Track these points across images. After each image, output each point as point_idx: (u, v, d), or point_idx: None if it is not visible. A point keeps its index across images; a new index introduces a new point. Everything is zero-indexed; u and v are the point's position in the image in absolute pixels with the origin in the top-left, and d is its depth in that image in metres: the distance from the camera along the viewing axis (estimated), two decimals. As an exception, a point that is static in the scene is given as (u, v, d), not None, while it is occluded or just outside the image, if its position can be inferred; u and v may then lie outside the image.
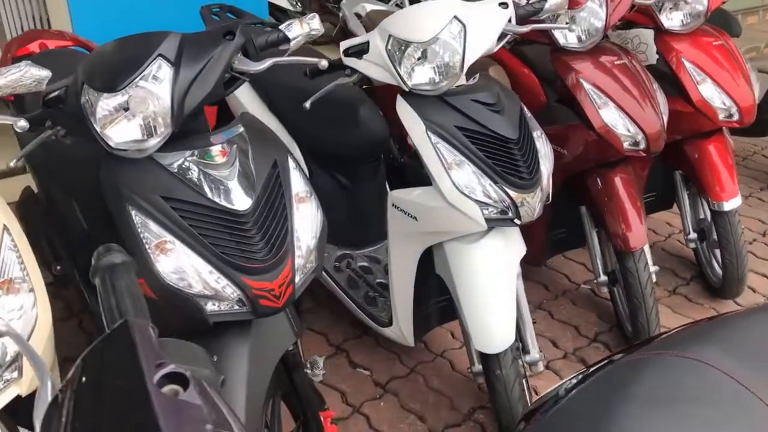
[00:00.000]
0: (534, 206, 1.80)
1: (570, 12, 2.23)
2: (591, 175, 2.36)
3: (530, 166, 1.80)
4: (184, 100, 1.36)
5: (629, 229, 2.24)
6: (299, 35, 1.50)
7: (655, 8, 2.50)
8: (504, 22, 1.81)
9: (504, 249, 1.86)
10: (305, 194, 1.54)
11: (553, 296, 2.83)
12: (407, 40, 1.73)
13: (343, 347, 2.50)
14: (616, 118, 2.23)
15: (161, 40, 1.37)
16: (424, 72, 1.76)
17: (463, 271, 1.82)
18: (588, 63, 2.26)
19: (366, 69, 1.84)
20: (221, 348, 1.43)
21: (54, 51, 2.17)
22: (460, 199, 1.75)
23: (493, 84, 1.86)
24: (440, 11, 1.76)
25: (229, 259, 1.36)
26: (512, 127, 1.79)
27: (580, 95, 2.23)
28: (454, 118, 1.76)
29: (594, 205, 2.35)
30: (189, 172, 1.39)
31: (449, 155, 1.75)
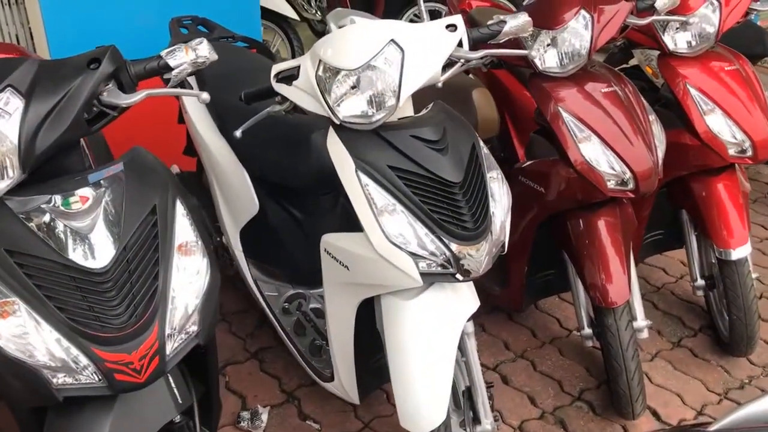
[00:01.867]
0: (480, 260, 1.56)
1: (550, 33, 1.98)
2: (572, 217, 2.09)
3: (477, 213, 1.55)
4: (35, 139, 1.17)
5: (609, 281, 1.96)
6: (183, 63, 1.30)
7: (659, 28, 2.22)
8: (451, 48, 1.57)
9: (448, 305, 1.61)
10: (192, 245, 1.33)
11: (539, 344, 2.56)
12: (337, 67, 1.51)
13: (296, 394, 2.28)
14: (599, 153, 1.96)
15: (14, 68, 1.18)
16: (356, 103, 1.53)
17: (393, 331, 1.59)
18: (569, 90, 2.00)
19: (296, 97, 1.63)
20: (74, 426, 1.23)
21: None
22: (391, 251, 1.51)
23: (442, 117, 1.62)
24: (376, 34, 1.53)
25: (79, 327, 1.17)
26: (456, 168, 1.54)
27: (557, 126, 1.97)
28: (388, 157, 1.53)
29: (573, 250, 2.08)
30: (41, 221, 1.20)
31: (380, 199, 1.52)
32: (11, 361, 1.16)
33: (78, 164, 1.31)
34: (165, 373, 1.26)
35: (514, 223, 2.23)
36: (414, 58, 1.52)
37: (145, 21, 3.12)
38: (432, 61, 1.55)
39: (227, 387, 2.31)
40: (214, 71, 2.33)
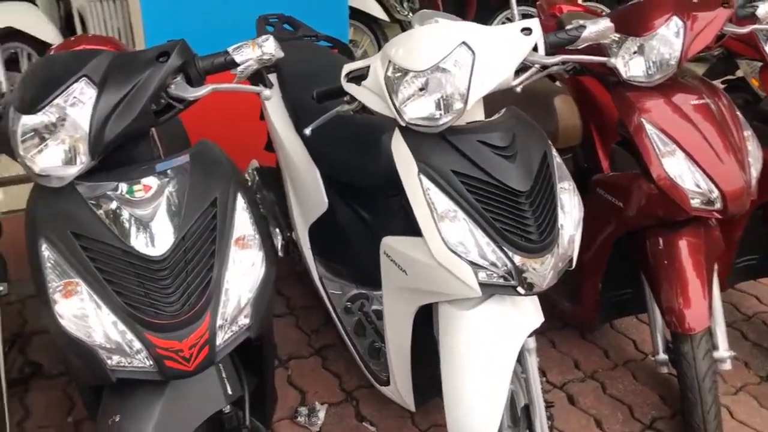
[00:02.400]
0: (544, 274, 1.49)
1: (637, 40, 1.87)
2: (651, 234, 1.97)
3: (543, 225, 1.49)
4: (104, 128, 1.21)
5: (687, 305, 1.84)
6: (249, 59, 1.31)
7: (761, 38, 2.06)
8: (525, 52, 1.51)
9: (508, 318, 1.55)
10: (251, 239, 1.35)
11: (611, 365, 2.44)
12: (405, 68, 1.49)
13: (355, 395, 2.28)
14: (684, 169, 1.84)
15: (89, 59, 1.23)
16: (423, 105, 1.50)
17: (449, 341, 1.55)
18: (655, 101, 1.89)
19: (364, 97, 1.62)
20: (126, 406, 1.27)
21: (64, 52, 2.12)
22: (450, 258, 1.47)
23: (513, 122, 1.57)
24: (448, 35, 1.50)
25: (134, 312, 1.20)
26: (524, 176, 1.49)
27: (640, 139, 1.87)
28: (453, 162, 1.49)
29: (650, 270, 1.96)
30: (107, 207, 1.24)
31: (441, 205, 1.48)
32: (72, 340, 1.21)
33: (147, 154, 1.35)
34: (214, 364, 1.28)
35: (589, 238, 2.15)
36: (485, 62, 1.48)
37: (238, 18, 3.20)
38: (504, 64, 1.50)
39: (288, 381, 2.33)
40: (294, 70, 2.38)
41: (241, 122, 2.97)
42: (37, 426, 2.11)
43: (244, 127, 2.94)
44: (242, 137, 3.01)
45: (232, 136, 3.26)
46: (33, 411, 2.16)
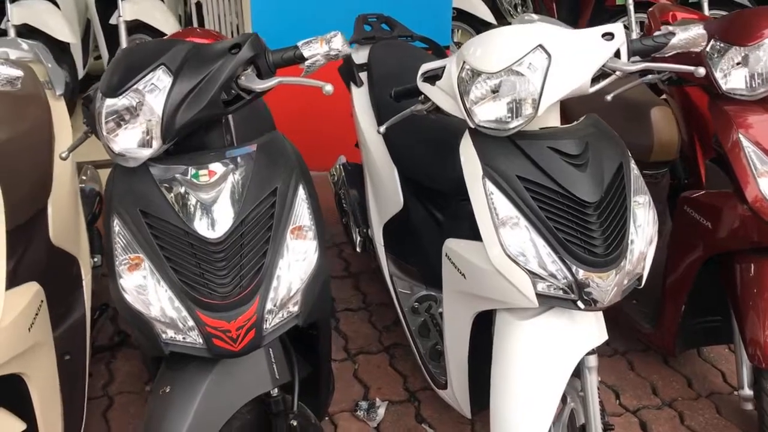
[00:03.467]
0: (606, 290, 1.42)
1: (741, 49, 1.75)
2: (742, 259, 1.83)
3: (610, 239, 1.42)
4: (176, 114, 1.28)
5: (774, 338, 1.70)
6: (317, 54, 1.34)
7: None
8: (605, 58, 1.45)
9: (567, 333, 1.50)
10: (307, 230, 1.38)
11: (694, 395, 2.29)
12: (478, 69, 1.47)
13: (418, 395, 2.27)
14: (784, 192, 1.70)
15: (169, 49, 1.31)
16: (494, 108, 1.47)
17: (503, 350, 1.51)
18: (756, 116, 1.77)
19: (437, 97, 1.61)
20: (177, 379, 1.33)
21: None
22: (508, 266, 1.44)
23: (589, 131, 1.51)
24: (525, 37, 1.46)
25: (189, 290, 1.26)
26: (594, 186, 1.43)
27: (736, 156, 1.74)
28: (519, 167, 1.45)
29: (738, 298, 1.82)
30: (174, 188, 1.31)
31: (503, 210, 1.45)
32: (133, 312, 1.29)
33: (218, 141, 1.41)
34: (260, 347, 1.32)
35: (674, 259, 2.04)
36: (561, 66, 1.43)
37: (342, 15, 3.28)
38: (580, 70, 1.44)
39: (354, 374, 2.36)
40: (384, 69, 2.41)
41: (334, 119, 3.04)
42: (118, 391, 2.26)
43: (337, 123, 3.01)
44: (335, 133, 3.09)
45: (325, 132, 3.37)
46: (116, 377, 2.32)
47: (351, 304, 2.75)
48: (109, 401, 2.22)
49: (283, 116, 3.48)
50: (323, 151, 3.16)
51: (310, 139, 3.50)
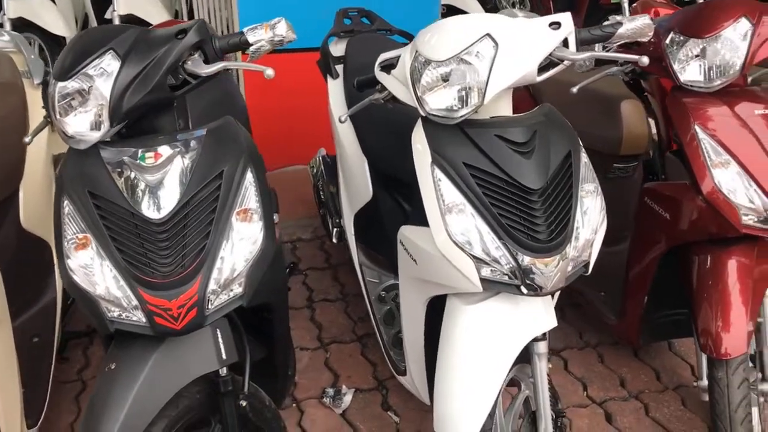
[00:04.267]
0: (549, 275, 1.44)
1: (699, 41, 1.76)
2: (699, 251, 1.84)
3: (554, 224, 1.44)
4: (123, 98, 1.31)
5: (726, 329, 1.71)
6: (261, 40, 1.37)
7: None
8: (551, 47, 1.46)
9: (513, 319, 1.51)
10: (253, 213, 1.41)
11: (661, 388, 2.31)
12: (428, 58, 1.49)
13: (386, 384, 2.30)
14: (737, 182, 1.71)
15: (118, 34, 1.34)
16: (443, 96, 1.49)
17: (448, 334, 1.53)
18: (713, 108, 1.77)
19: (392, 86, 1.64)
20: (123, 357, 1.37)
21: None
22: (453, 251, 1.46)
23: (539, 119, 1.53)
24: (474, 27, 1.48)
25: (132, 269, 1.29)
26: (539, 174, 1.45)
27: (692, 147, 1.76)
28: (466, 154, 1.48)
29: (693, 289, 1.83)
30: (124, 171, 1.35)
31: (449, 196, 1.47)
32: (80, 291, 1.33)
33: (170, 125, 1.44)
34: (202, 326, 1.35)
35: (636, 250, 2.05)
36: (508, 55, 1.44)
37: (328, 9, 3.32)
38: (527, 59, 1.46)
39: (326, 363, 2.40)
40: (359, 61, 2.43)
41: (317, 112, 3.07)
42: (92, 375, 2.30)
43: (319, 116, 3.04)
44: (317, 126, 3.12)
45: (307, 125, 3.42)
46: (92, 362, 2.36)
47: (329, 294, 2.79)
48: (82, 386, 2.26)
49: (267, 109, 3.54)
50: (305, 144, 3.20)
51: (293, 132, 3.56)
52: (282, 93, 3.46)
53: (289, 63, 3.54)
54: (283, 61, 3.54)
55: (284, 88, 3.49)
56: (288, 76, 3.49)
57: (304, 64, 2.99)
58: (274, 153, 3.61)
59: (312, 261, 3.02)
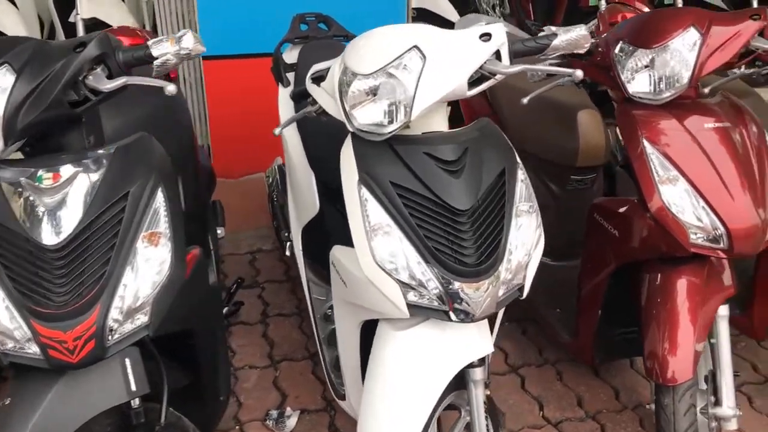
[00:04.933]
0: (478, 301, 1.36)
1: (647, 52, 1.69)
2: (650, 269, 1.77)
3: (483, 247, 1.37)
4: (17, 115, 1.23)
5: (672, 352, 1.63)
6: (166, 53, 1.29)
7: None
8: (481, 60, 1.38)
9: (444, 346, 1.44)
10: (161, 237, 1.33)
11: (620, 407, 2.23)
12: (354, 71, 1.41)
13: (334, 405, 2.21)
14: (685, 200, 1.64)
15: (14, 45, 1.26)
16: (371, 111, 1.42)
17: (375, 360, 1.45)
18: (662, 121, 1.70)
19: (321, 99, 1.56)
20: (19, 391, 1.28)
21: None
22: (378, 275, 1.38)
23: (473, 135, 1.45)
24: (402, 38, 1.40)
25: (23, 299, 1.21)
26: (468, 194, 1.37)
27: (639, 162, 1.68)
28: (394, 173, 1.40)
29: (641, 309, 1.76)
30: (18, 192, 1.26)
31: (375, 218, 1.39)
32: None
33: (77, 143, 1.36)
34: (103, 359, 1.27)
35: (587, 268, 1.98)
36: (436, 68, 1.37)
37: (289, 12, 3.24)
38: (456, 72, 1.38)
39: (274, 382, 2.31)
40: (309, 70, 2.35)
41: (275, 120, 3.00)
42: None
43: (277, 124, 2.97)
44: (275, 136, 3.04)
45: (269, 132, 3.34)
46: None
47: (284, 309, 2.71)
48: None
49: (229, 117, 3.46)
50: (267, 152, 3.12)
51: (255, 140, 3.47)
52: (245, 100, 3.39)
53: (253, 69, 3.47)
54: (247, 66, 3.48)
55: (247, 96, 3.42)
56: (251, 82, 3.42)
57: (268, 70, 2.92)
58: (237, 161, 3.55)
59: (270, 273, 2.94)
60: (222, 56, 3.35)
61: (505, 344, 2.52)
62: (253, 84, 3.20)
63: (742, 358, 2.44)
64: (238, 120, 3.43)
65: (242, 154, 3.46)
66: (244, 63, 3.38)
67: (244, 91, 3.37)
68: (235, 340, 2.51)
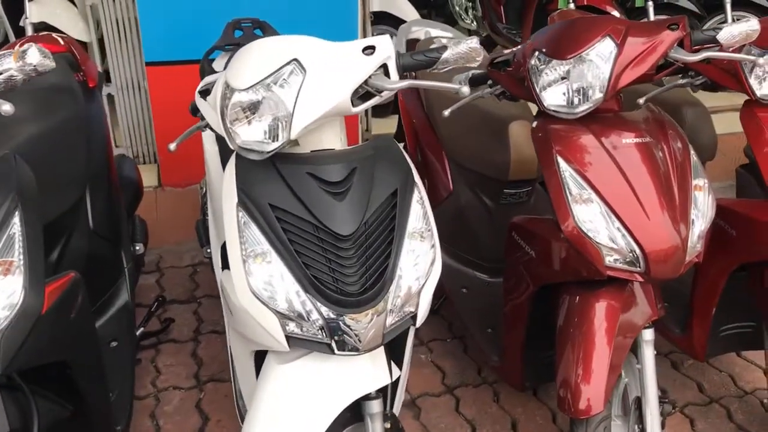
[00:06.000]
0: (362, 332, 1.27)
1: (562, 63, 1.60)
2: (567, 290, 1.68)
3: (367, 274, 1.27)
4: None
5: (585, 380, 1.53)
6: (9, 69, 1.19)
7: (744, 67, 1.72)
8: (365, 74, 1.28)
9: (333, 379, 1.34)
10: (14, 265, 1.24)
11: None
12: (231, 85, 1.32)
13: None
14: (599, 221, 1.55)
15: None
16: (253, 129, 1.32)
17: (259, 395, 1.35)
18: (577, 136, 1.60)
19: (208, 114, 1.46)
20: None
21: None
22: (254, 305, 1.29)
23: (366, 153, 1.36)
24: (282, 51, 1.31)
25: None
26: (351, 218, 1.28)
27: (553, 180, 1.59)
28: (274, 194, 1.30)
29: (557, 332, 1.67)
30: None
31: (252, 242, 1.30)
32: None
33: None
34: None
35: (508, 287, 1.89)
36: (317, 84, 1.27)
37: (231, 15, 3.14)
38: (338, 88, 1.29)
39: (197, 405, 2.22)
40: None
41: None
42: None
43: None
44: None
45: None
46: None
47: (218, 326, 2.61)
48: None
49: (171, 125, 3.35)
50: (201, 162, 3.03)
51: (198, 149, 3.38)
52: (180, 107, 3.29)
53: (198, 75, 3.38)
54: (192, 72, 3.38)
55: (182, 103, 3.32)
56: (196, 90, 3.34)
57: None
58: (183, 169, 3.45)
59: (209, 288, 2.85)
60: (166, 62, 3.25)
61: (444, 362, 2.44)
62: (198, 91, 3.11)
63: (688, 377, 2.36)
64: (184, 127, 3.33)
65: (188, 163, 3.36)
66: (189, 69, 3.28)
67: (190, 97, 3.28)
68: (162, 359, 2.41)
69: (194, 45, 3.31)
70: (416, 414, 2.19)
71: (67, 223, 1.87)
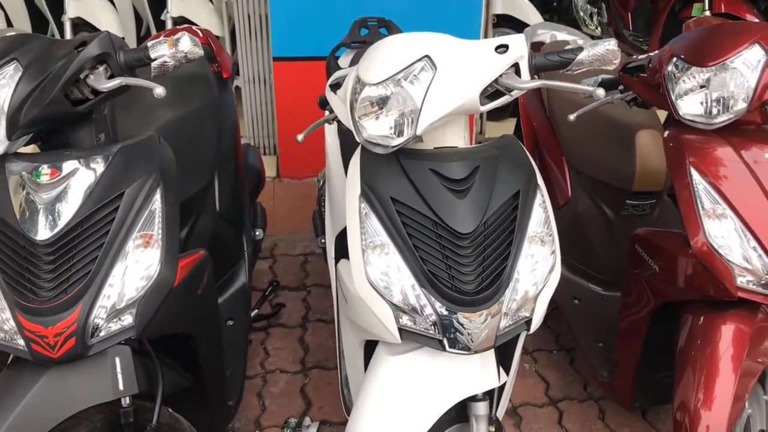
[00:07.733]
0: (475, 332, 1.27)
1: (703, 70, 1.52)
2: (691, 310, 1.59)
3: (484, 274, 1.27)
4: (20, 111, 1.26)
5: (706, 406, 1.44)
6: (163, 55, 1.27)
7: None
8: (496, 73, 1.28)
9: (441, 376, 1.35)
10: (154, 239, 1.32)
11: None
12: (362, 80, 1.35)
13: (358, 419, 2.15)
14: (733, 238, 1.46)
15: (24, 43, 1.29)
16: (380, 124, 1.34)
17: (368, 385, 1.38)
18: (713, 148, 1.52)
19: (337, 108, 1.51)
20: (8, 381, 1.31)
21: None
22: (370, 294, 1.31)
23: (489, 153, 1.35)
24: (414, 47, 1.33)
25: (11, 292, 1.24)
26: (472, 216, 1.28)
27: (685, 192, 1.52)
28: (396, 189, 1.32)
29: (678, 352, 1.58)
30: (19, 187, 1.29)
31: (372, 234, 1.32)
32: None
33: (86, 140, 1.37)
34: (84, 356, 1.27)
35: (627, 302, 1.82)
36: (446, 80, 1.28)
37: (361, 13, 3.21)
38: (468, 86, 1.29)
39: (302, 389, 2.29)
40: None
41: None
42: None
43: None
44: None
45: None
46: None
47: (326, 315, 2.67)
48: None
49: (293, 119, 3.47)
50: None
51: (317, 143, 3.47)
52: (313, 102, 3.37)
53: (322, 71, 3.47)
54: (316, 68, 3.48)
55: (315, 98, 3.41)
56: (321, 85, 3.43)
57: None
58: (302, 162, 3.56)
59: (319, 277, 2.92)
60: (292, 58, 3.37)
61: (548, 374, 2.38)
62: (322, 86, 3.20)
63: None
64: (306, 122, 3.44)
65: (307, 156, 3.47)
66: (313, 65, 3.39)
67: (314, 93, 3.37)
68: (271, 342, 2.50)
69: (319, 42, 3.43)
70: (517, 422, 2.16)
71: (197, 205, 1.98)
